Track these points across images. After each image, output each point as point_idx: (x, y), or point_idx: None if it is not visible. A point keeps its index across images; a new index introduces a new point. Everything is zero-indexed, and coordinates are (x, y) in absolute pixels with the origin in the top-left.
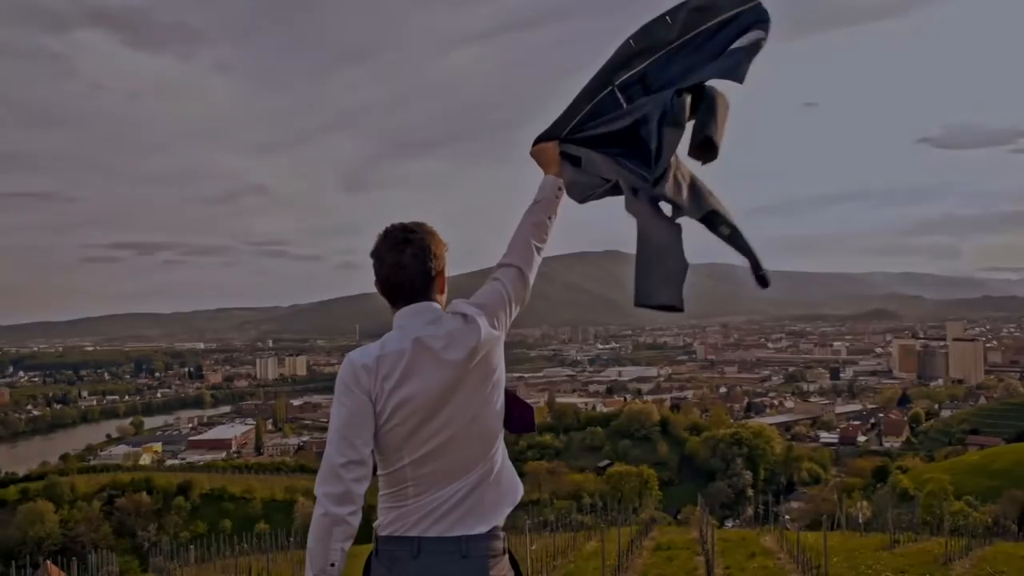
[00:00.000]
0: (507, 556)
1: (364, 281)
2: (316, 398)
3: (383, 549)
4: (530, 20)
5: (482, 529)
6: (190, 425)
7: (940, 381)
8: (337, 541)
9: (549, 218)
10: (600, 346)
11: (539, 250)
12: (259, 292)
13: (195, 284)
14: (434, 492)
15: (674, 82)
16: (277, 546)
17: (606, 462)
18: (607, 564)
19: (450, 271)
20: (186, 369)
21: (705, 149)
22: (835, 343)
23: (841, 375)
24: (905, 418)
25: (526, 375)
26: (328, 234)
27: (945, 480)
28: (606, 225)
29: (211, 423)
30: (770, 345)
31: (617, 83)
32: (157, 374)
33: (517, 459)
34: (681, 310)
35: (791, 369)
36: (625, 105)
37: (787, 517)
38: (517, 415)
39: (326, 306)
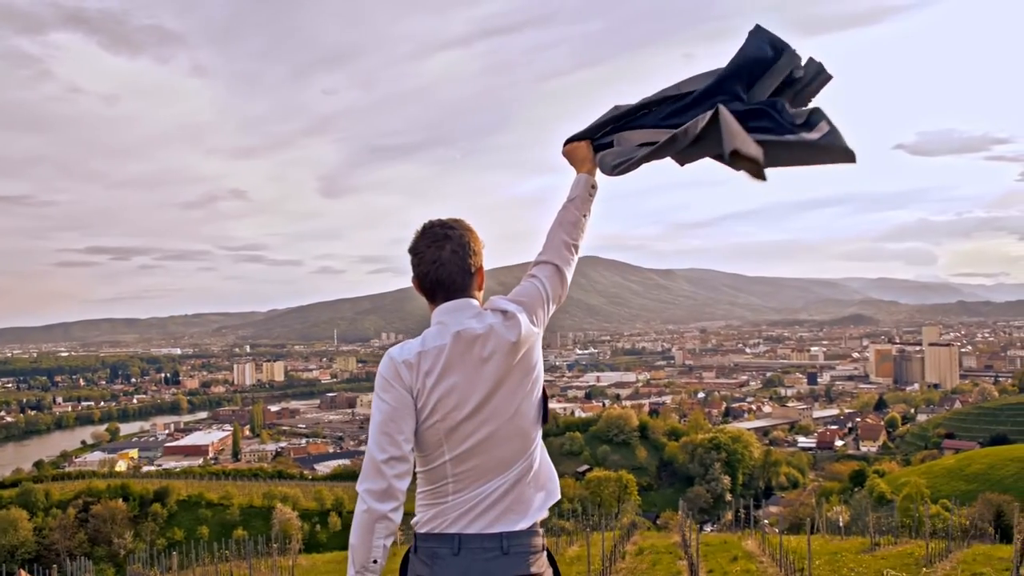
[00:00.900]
0: (546, 552)
1: (342, 286)
2: (294, 404)
3: (423, 546)
4: (509, 26)
5: (523, 525)
6: (166, 431)
7: (916, 386)
8: (379, 538)
9: (584, 216)
10: (579, 351)
11: (575, 248)
12: (237, 297)
13: (172, 289)
14: (474, 488)
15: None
16: (256, 553)
17: (585, 467)
18: (591, 568)
19: None
20: (162, 375)
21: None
22: (812, 348)
23: (818, 380)
24: (882, 422)
25: None
26: (306, 239)
27: (922, 484)
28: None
29: (188, 429)
30: (748, 350)
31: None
32: (133, 380)
33: None
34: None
35: (769, 374)
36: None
37: (766, 522)
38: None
39: (304, 311)
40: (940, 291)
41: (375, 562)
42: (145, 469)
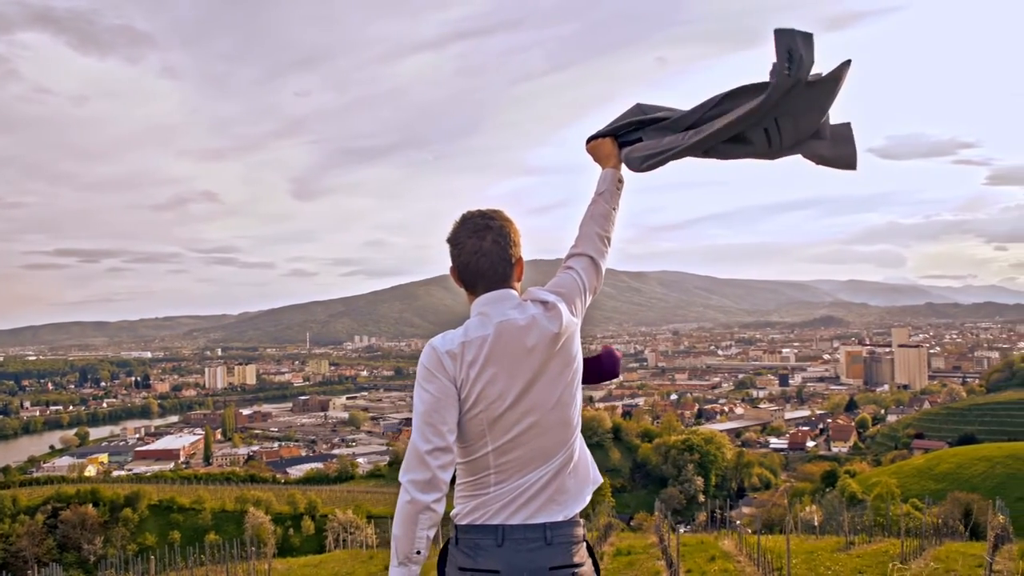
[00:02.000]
0: (585, 543)
1: (315, 289)
2: (266, 407)
3: (464, 538)
4: (482, 29)
5: (565, 516)
6: (137, 435)
7: (886, 387)
8: (423, 529)
9: (613, 209)
10: None
11: (608, 240)
12: (208, 300)
13: (142, 292)
14: (516, 479)
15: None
16: (229, 557)
17: None
18: None
19: (406, 278)
20: (133, 378)
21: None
22: (784, 350)
23: (790, 381)
24: (852, 423)
25: None
26: (279, 241)
27: (892, 483)
28: (558, 232)
29: (158, 433)
30: (720, 352)
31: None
32: (103, 383)
33: None
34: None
35: (741, 376)
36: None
37: (739, 522)
38: (608, 366)
39: (276, 314)
40: (909, 293)
41: (418, 553)
42: (115, 474)
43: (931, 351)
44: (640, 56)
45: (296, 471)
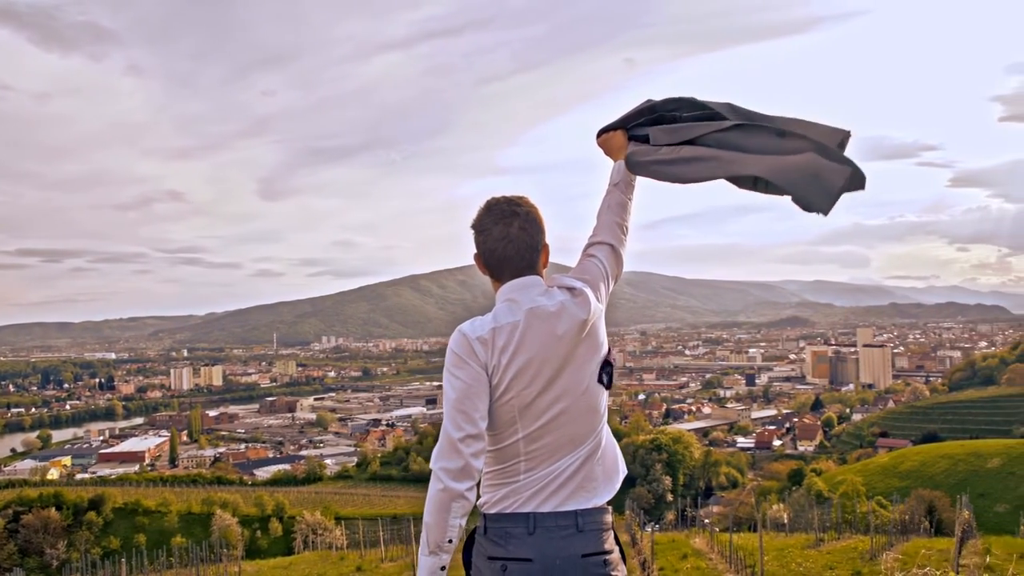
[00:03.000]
0: (612, 530)
1: (281, 289)
2: (232, 408)
3: (494, 527)
4: (450, 29)
5: (594, 503)
6: (101, 438)
7: (851, 386)
8: (455, 517)
9: (628, 199)
10: None
11: (625, 228)
12: (173, 300)
13: (106, 292)
14: (546, 467)
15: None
16: (197, 559)
17: None
18: None
19: (374, 279)
20: (97, 380)
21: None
22: (750, 350)
23: (756, 381)
24: (818, 422)
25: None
26: (245, 242)
27: (858, 481)
28: None
29: (123, 435)
30: (687, 352)
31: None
32: (66, 385)
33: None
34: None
35: (708, 376)
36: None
37: (707, 521)
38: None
39: (243, 315)
40: (873, 293)
41: (450, 542)
42: (79, 477)
43: (895, 351)
44: (608, 57)
45: (263, 473)
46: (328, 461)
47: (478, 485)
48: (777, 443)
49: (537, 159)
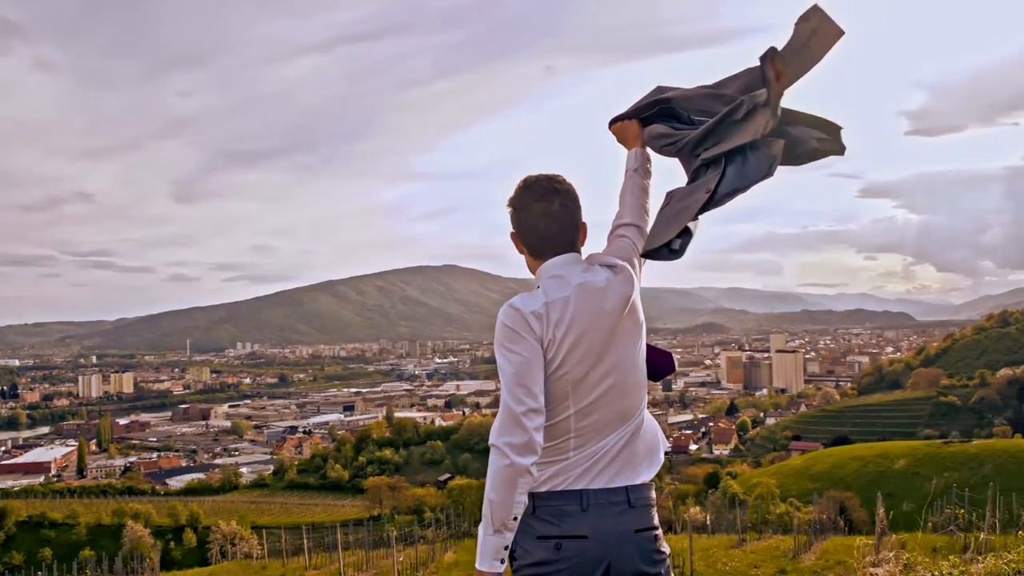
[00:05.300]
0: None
1: (197, 294)
2: (144, 416)
3: (544, 505)
4: (370, 32)
5: (642, 479)
6: (3, 448)
7: (764, 391)
8: (521, 493)
9: (648, 183)
10: (438, 360)
11: (647, 211)
12: (83, 305)
13: (10, 297)
14: (595, 443)
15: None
16: (106, 573)
17: (447, 476)
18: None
19: (291, 284)
20: None
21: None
22: None
23: (672, 386)
24: (733, 426)
25: (363, 390)
26: (158, 245)
27: (772, 484)
28: (446, 238)
29: (27, 445)
30: None
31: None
32: None
33: (356, 475)
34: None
35: None
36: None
37: None
38: (663, 363)
39: (155, 320)
40: (786, 300)
41: (515, 519)
42: None
43: (807, 356)
44: (528, 64)
45: (176, 482)
46: (244, 469)
47: None
48: (693, 447)
49: (457, 165)
